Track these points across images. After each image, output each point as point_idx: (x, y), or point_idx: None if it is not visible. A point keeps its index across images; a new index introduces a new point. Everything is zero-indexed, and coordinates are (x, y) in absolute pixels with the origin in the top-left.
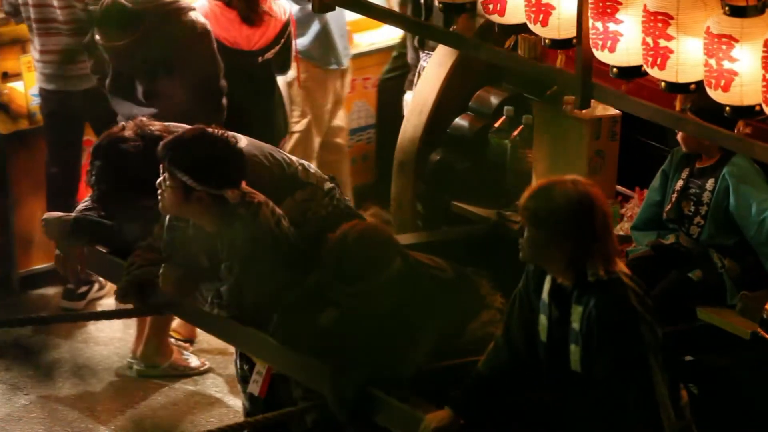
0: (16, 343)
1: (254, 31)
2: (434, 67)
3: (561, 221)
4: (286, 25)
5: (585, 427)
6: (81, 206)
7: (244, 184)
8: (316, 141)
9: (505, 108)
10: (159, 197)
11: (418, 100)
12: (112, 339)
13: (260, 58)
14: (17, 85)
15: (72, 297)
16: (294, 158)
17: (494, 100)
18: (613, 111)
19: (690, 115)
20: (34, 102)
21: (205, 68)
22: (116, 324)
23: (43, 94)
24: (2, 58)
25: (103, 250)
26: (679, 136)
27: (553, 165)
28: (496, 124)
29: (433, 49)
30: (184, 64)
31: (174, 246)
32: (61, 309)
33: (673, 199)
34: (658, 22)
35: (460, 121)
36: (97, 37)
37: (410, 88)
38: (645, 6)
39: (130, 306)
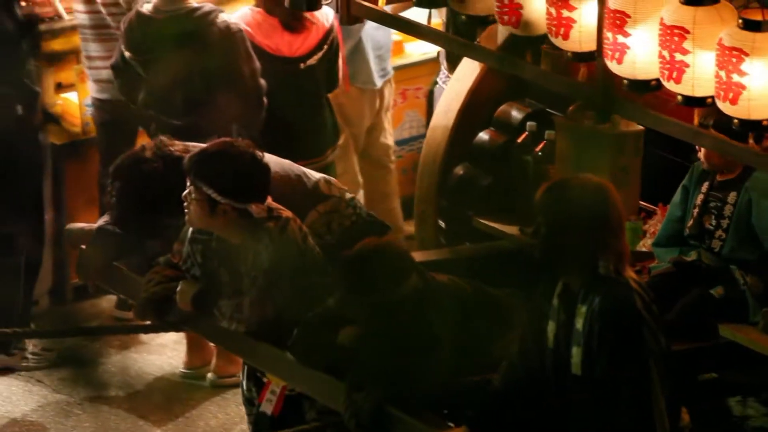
0: (70, 352)
1: (296, 37)
2: (458, 81)
3: (577, 216)
4: (329, 31)
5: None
6: (101, 221)
7: (270, 199)
8: (354, 157)
9: (528, 123)
10: (185, 210)
11: (441, 115)
12: (164, 347)
13: (302, 65)
14: (71, 96)
15: (124, 307)
16: (314, 172)
17: (517, 115)
18: (637, 126)
19: (712, 131)
20: (88, 112)
21: (241, 68)
22: (168, 333)
23: (97, 103)
24: (56, 69)
25: (122, 266)
26: (702, 152)
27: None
28: (519, 140)
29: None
30: (221, 67)
31: (195, 258)
32: (114, 319)
33: (695, 213)
34: (674, 35)
35: (483, 136)
36: (127, 54)
37: None
38: (662, 19)
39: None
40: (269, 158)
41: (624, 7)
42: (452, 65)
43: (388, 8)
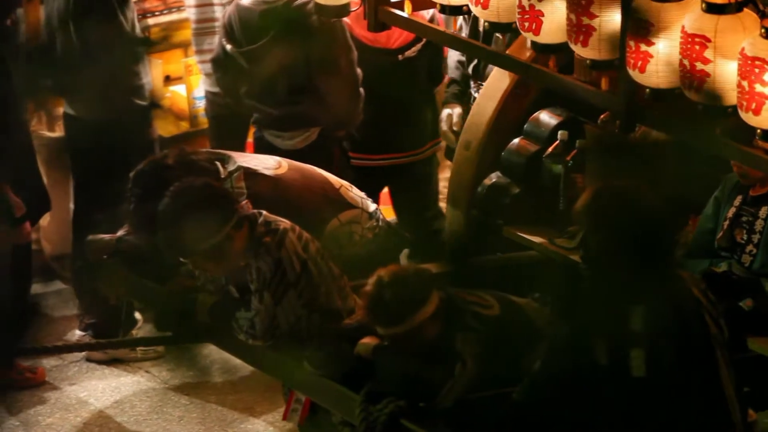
0: (178, 346)
1: (394, 28)
2: (489, 89)
3: (630, 220)
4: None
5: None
6: (121, 232)
7: (266, 215)
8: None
9: (559, 132)
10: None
11: (473, 123)
12: None
13: (400, 56)
14: (179, 89)
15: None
16: (338, 179)
17: (548, 123)
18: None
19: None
20: (196, 105)
21: (340, 57)
22: None
23: (209, 96)
24: (165, 61)
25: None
26: (736, 165)
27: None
28: (550, 149)
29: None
30: (320, 56)
31: (206, 278)
32: None
33: (725, 226)
34: (695, 44)
35: (514, 145)
36: (228, 46)
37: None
38: (683, 27)
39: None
40: (289, 164)
41: (648, 16)
42: (476, 74)
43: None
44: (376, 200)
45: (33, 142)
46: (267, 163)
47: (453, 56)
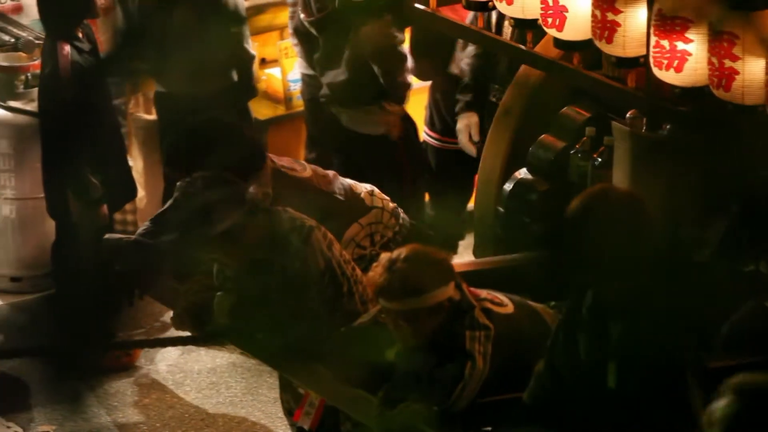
0: None
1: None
2: (516, 86)
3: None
4: None
5: None
6: (141, 230)
7: (291, 211)
8: None
9: (587, 128)
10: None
11: (500, 119)
12: None
13: None
14: (274, 72)
15: None
16: (360, 185)
17: (576, 120)
18: None
19: None
20: (292, 87)
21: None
22: None
23: (305, 79)
24: (260, 44)
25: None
26: None
27: (632, 188)
28: (578, 145)
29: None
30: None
31: (225, 276)
32: None
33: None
34: (723, 41)
35: (542, 142)
36: (302, 15)
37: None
38: (710, 24)
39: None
40: (312, 170)
41: (684, 13)
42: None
43: None
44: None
45: (122, 129)
46: (293, 165)
47: (465, 60)
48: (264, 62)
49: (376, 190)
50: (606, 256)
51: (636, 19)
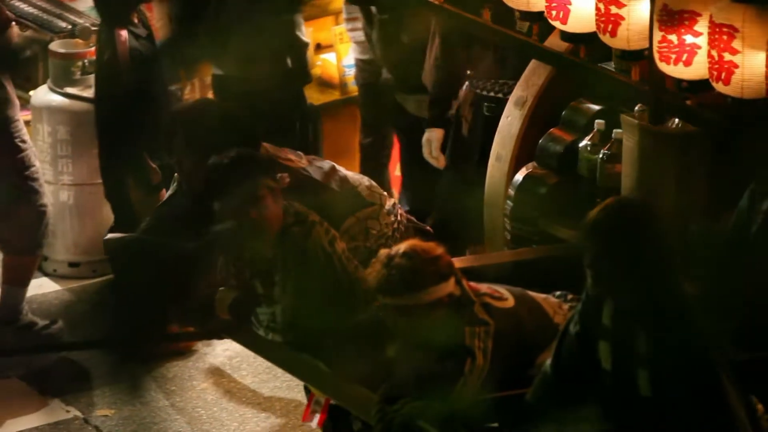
0: None
1: None
2: (527, 79)
3: (632, 241)
4: None
5: None
6: (143, 226)
7: (298, 204)
8: None
9: (596, 121)
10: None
11: (511, 112)
12: None
13: None
14: (329, 57)
15: None
16: (358, 177)
17: (586, 113)
18: None
19: None
20: (346, 73)
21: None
22: None
23: (359, 64)
24: (316, 29)
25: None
26: None
27: (640, 182)
28: (587, 139)
29: None
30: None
31: (229, 269)
32: None
33: (759, 220)
34: (723, 34)
35: (551, 135)
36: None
37: None
38: (711, 17)
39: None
40: (310, 161)
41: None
42: None
43: None
44: None
45: None
46: (289, 156)
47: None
48: (319, 47)
49: (375, 185)
50: (625, 266)
51: (639, 12)
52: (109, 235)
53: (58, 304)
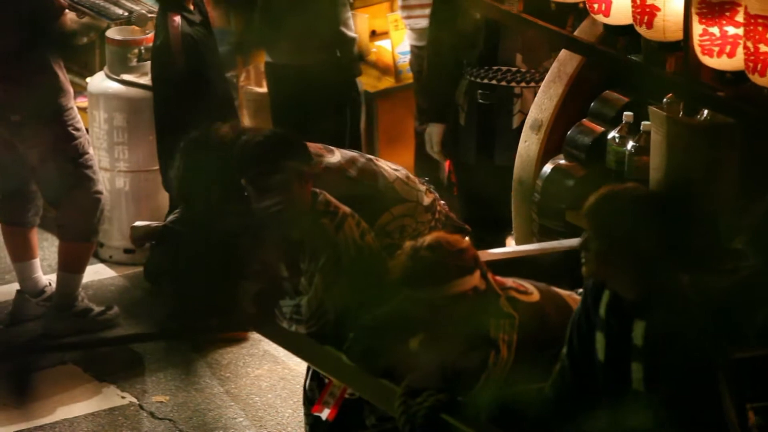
0: None
1: None
2: (555, 72)
3: (630, 229)
4: None
5: None
6: (172, 217)
7: (328, 196)
8: None
9: (625, 114)
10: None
11: (539, 105)
12: None
13: None
14: (384, 44)
15: None
16: (394, 172)
17: (614, 105)
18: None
19: None
20: (401, 60)
21: None
22: None
23: (415, 51)
24: (371, 16)
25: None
26: None
27: (668, 174)
28: (616, 131)
29: None
30: None
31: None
32: None
33: None
34: (758, 25)
35: (579, 127)
36: None
37: None
38: (746, 8)
39: None
40: (341, 154)
41: None
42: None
43: None
44: None
45: (234, 100)
46: (321, 151)
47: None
48: (374, 34)
49: (412, 178)
50: (621, 254)
51: (676, 3)
52: (136, 223)
53: (114, 290)
